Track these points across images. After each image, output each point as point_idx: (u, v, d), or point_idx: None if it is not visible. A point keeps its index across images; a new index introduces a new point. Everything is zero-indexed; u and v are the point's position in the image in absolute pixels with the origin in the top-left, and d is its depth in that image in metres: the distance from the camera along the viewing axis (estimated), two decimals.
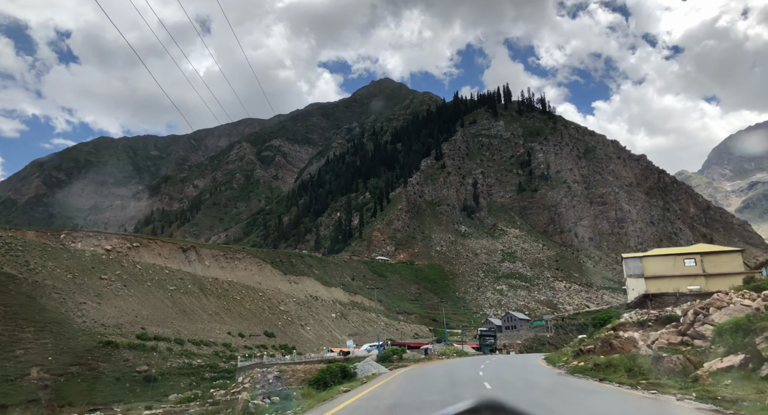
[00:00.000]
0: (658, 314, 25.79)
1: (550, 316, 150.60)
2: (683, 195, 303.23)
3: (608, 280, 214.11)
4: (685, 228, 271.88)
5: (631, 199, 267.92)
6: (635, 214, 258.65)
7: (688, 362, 16.88)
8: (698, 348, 18.85)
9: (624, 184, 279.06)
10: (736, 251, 58.52)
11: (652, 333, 22.75)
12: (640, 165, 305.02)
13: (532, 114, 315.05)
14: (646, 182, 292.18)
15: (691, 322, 20.46)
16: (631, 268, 57.05)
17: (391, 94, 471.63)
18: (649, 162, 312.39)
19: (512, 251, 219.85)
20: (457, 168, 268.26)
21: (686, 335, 20.39)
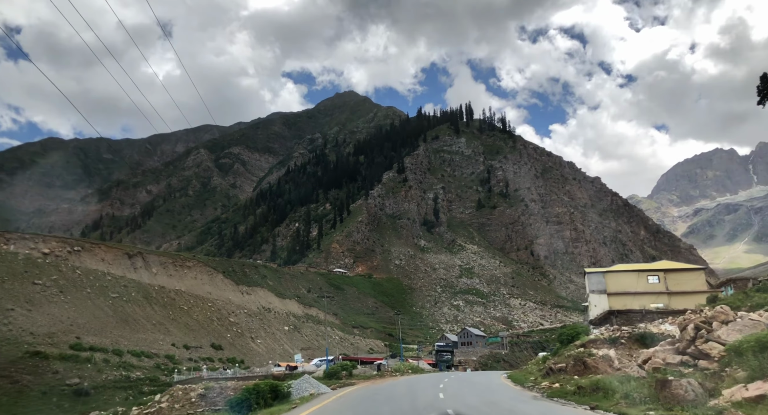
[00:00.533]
0: (631, 331, 24.19)
1: (505, 333, 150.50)
2: (634, 218, 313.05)
3: (562, 298, 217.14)
4: (636, 250, 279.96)
5: (586, 220, 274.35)
6: (589, 234, 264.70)
7: (701, 389, 14.55)
8: (705, 370, 16.23)
9: (579, 204, 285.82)
10: (699, 268, 58.47)
11: (644, 351, 20.40)
12: (594, 187, 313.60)
13: (492, 133, 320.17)
14: (600, 204, 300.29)
15: (692, 339, 17.95)
16: (593, 283, 56.21)
17: (355, 107, 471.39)
18: (603, 184, 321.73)
19: (470, 267, 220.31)
20: (419, 182, 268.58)
21: (686, 353, 17.90)
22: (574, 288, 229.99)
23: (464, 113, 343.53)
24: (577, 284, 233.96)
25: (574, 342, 27.15)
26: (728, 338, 16.47)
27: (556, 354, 30.30)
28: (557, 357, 26.57)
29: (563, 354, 25.51)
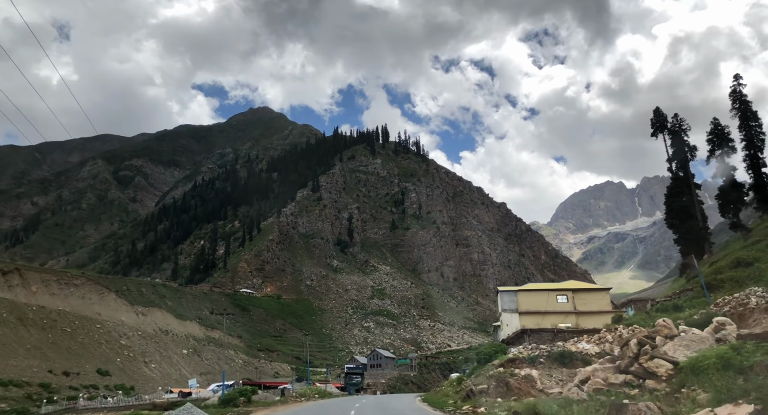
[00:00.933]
0: (550, 350, 23.37)
1: (414, 354, 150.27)
2: (536, 243, 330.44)
3: (469, 320, 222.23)
4: (537, 273, 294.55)
5: (492, 244, 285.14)
6: (495, 257, 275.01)
7: (661, 414, 12.69)
8: (654, 391, 14.55)
9: (486, 228, 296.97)
10: (604, 289, 59.94)
11: (580, 370, 18.93)
12: (500, 212, 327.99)
13: (407, 155, 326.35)
14: (505, 228, 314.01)
15: (635, 355, 16.38)
16: (506, 302, 56.47)
17: (269, 124, 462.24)
18: (508, 210, 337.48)
19: (382, 288, 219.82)
20: (334, 202, 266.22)
21: (629, 372, 16.34)
22: (481, 310, 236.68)
23: (380, 135, 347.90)
24: (483, 306, 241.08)
25: (492, 362, 25.87)
26: (676, 355, 15.34)
27: (473, 374, 28.95)
28: (477, 378, 25.12)
29: (483, 374, 24.06)
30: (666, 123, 69.43)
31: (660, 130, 69.34)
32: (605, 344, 23.88)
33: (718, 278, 33.73)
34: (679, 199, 65.06)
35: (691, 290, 39.84)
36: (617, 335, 24.36)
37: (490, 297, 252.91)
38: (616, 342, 18.08)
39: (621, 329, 24.84)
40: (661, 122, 69.62)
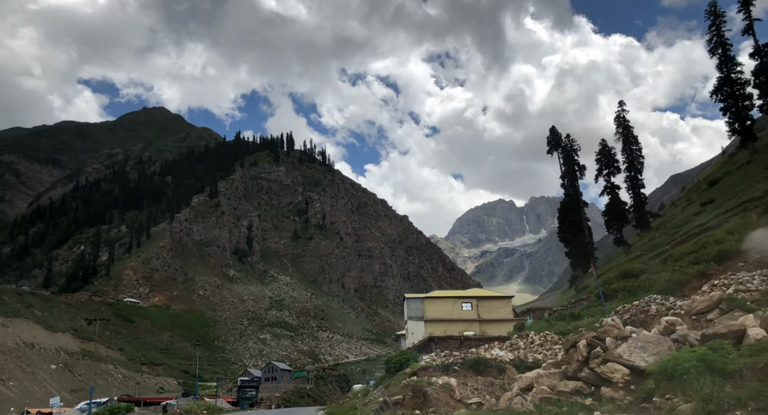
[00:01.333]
0: (464, 357, 22.41)
1: (311, 366, 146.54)
2: (435, 256, 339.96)
3: (368, 331, 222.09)
4: (435, 285, 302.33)
5: (394, 255, 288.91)
6: (396, 269, 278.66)
7: None
8: (614, 401, 12.81)
9: (389, 240, 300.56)
10: (507, 297, 60.74)
11: (521, 376, 17.06)
12: (402, 225, 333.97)
13: (312, 165, 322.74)
14: (406, 241, 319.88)
15: (584, 359, 14.77)
16: (412, 310, 55.69)
17: (165, 125, 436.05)
18: (410, 223, 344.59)
19: (281, 299, 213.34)
20: (233, 209, 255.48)
21: (579, 378, 14.65)
22: (380, 321, 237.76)
23: (285, 142, 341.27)
24: (382, 317, 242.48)
25: (403, 370, 24.45)
26: (632, 358, 13.72)
27: (382, 384, 27.40)
28: (389, 388, 23.44)
29: (396, 384, 22.43)
30: (560, 142, 73.94)
31: (555, 148, 73.68)
32: (519, 350, 23.41)
33: (610, 288, 35.32)
34: (571, 214, 69.16)
35: (585, 299, 41.68)
36: (528, 341, 24.12)
37: (389, 308, 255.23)
38: (563, 344, 16.60)
39: (533, 335, 24.69)
40: (556, 141, 74.06)
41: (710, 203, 53.04)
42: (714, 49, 62.32)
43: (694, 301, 19.96)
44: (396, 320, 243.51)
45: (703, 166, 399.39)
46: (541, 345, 23.62)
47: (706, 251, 29.69)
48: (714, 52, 62.35)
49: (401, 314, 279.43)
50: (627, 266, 43.33)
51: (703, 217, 48.00)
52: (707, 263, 28.03)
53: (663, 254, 42.09)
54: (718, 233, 32.35)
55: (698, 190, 71.81)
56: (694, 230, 43.05)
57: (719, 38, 61.94)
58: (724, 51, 61.62)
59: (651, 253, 49.54)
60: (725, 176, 61.45)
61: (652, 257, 45.80)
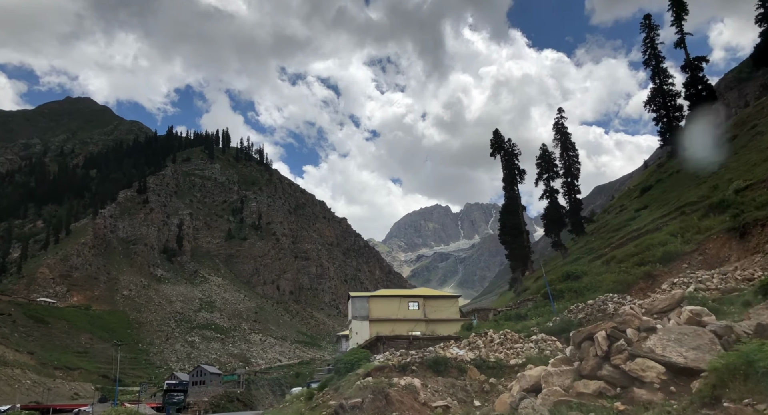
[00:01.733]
0: (423, 356, 20.89)
1: (242, 370, 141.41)
2: (372, 259, 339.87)
3: (302, 334, 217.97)
4: (372, 288, 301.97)
5: (331, 258, 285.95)
6: (333, 271, 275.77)
7: None
8: (656, 405, 10.56)
9: (326, 242, 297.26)
10: (454, 296, 59.13)
11: (524, 374, 14.57)
12: (341, 227, 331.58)
13: (249, 163, 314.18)
14: (344, 243, 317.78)
15: (604, 355, 12.60)
16: (357, 309, 53.67)
17: (90, 117, 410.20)
18: (348, 225, 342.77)
19: (212, 300, 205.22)
20: (163, 206, 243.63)
21: (599, 377, 12.33)
22: (315, 324, 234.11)
23: (221, 139, 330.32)
24: (317, 320, 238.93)
25: (355, 371, 22.54)
26: (667, 353, 11.54)
27: (329, 387, 25.26)
28: (341, 390, 21.21)
29: (349, 386, 20.31)
30: (503, 145, 74.95)
31: (498, 150, 74.55)
32: (479, 349, 22.13)
33: (556, 289, 35.50)
34: (511, 216, 70.08)
35: (530, 300, 41.71)
36: (488, 340, 23.05)
37: (325, 311, 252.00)
38: (573, 337, 14.03)
39: (492, 334, 23.72)
40: (499, 144, 74.96)
41: (644, 209, 55.22)
42: (648, 61, 65.31)
43: (654, 299, 19.70)
44: (332, 323, 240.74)
45: (625, 178, 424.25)
46: (501, 344, 22.57)
47: (650, 252, 30.25)
48: (648, 63, 65.31)
49: (338, 317, 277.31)
50: (568, 268, 43.95)
51: (639, 221, 49.80)
52: (653, 264, 28.54)
53: (603, 256, 43.02)
54: (660, 235, 33.21)
55: (630, 197, 75.00)
56: (633, 234, 44.38)
57: (653, 50, 64.97)
58: (657, 63, 64.64)
59: (589, 256, 50.75)
60: (656, 184, 64.37)
61: (591, 259, 46.80)
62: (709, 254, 26.52)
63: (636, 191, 73.49)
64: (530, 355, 19.92)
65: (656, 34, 65.23)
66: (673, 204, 45.20)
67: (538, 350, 20.65)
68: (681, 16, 63.40)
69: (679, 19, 63.62)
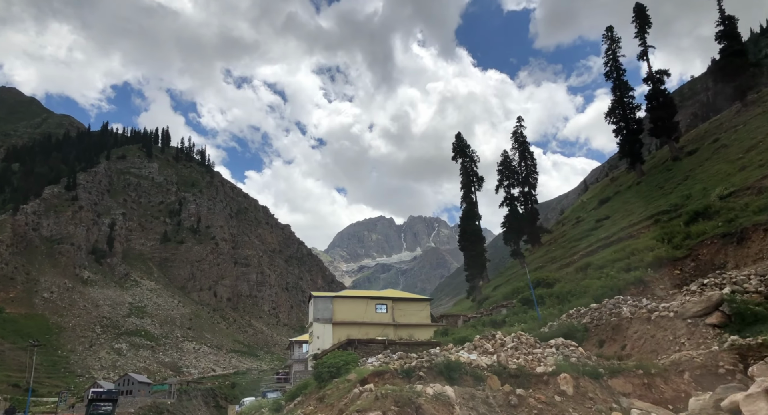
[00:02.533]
0: (431, 360, 16.79)
1: (174, 379, 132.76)
2: (315, 267, 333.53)
3: (239, 343, 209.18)
4: None
5: (273, 265, 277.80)
6: (274, 279, 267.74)
7: None
8: None
9: (268, 249, 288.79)
10: (425, 299, 55.26)
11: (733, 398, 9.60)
12: (284, 234, 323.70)
13: (189, 164, 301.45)
14: (287, 250, 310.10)
15: None
16: (320, 310, 49.17)
17: (15, 108, 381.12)
18: (292, 233, 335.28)
19: (143, 305, 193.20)
20: (93, 204, 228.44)
21: None
22: (253, 332, 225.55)
23: (160, 138, 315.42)
24: (256, 329, 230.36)
25: (343, 376, 18.50)
26: None
27: (303, 395, 21.30)
28: (328, 400, 16.79)
29: (341, 395, 15.62)
30: (465, 150, 73.81)
31: (460, 155, 73.33)
32: (497, 354, 18.68)
33: (537, 295, 33.78)
34: (471, 222, 68.79)
35: (504, 305, 39.81)
36: (497, 343, 19.97)
37: (264, 319, 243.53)
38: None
39: (501, 336, 20.76)
40: (462, 148, 73.75)
41: (606, 219, 55.15)
42: (609, 73, 66.29)
43: (684, 302, 17.89)
44: (271, 333, 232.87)
45: (561, 198, 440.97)
46: (516, 348, 19.44)
47: (637, 257, 29.17)
48: (609, 75, 66.26)
49: (277, 326, 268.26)
50: (538, 275, 42.65)
51: (604, 230, 49.47)
52: (642, 269, 27.34)
53: (572, 264, 42.01)
54: (644, 241, 32.29)
55: (585, 209, 75.67)
56: (603, 242, 43.71)
57: (614, 63, 66.05)
58: (618, 75, 65.69)
59: (553, 264, 49.84)
60: (615, 196, 65.07)
61: (559, 267, 45.80)
62: (703, 259, 25.51)
63: (593, 203, 74.33)
64: (558, 362, 17.18)
65: (618, 47, 66.33)
66: (641, 213, 45.10)
67: (562, 356, 17.99)
68: (644, 29, 64.79)
69: (643, 32, 65.00)
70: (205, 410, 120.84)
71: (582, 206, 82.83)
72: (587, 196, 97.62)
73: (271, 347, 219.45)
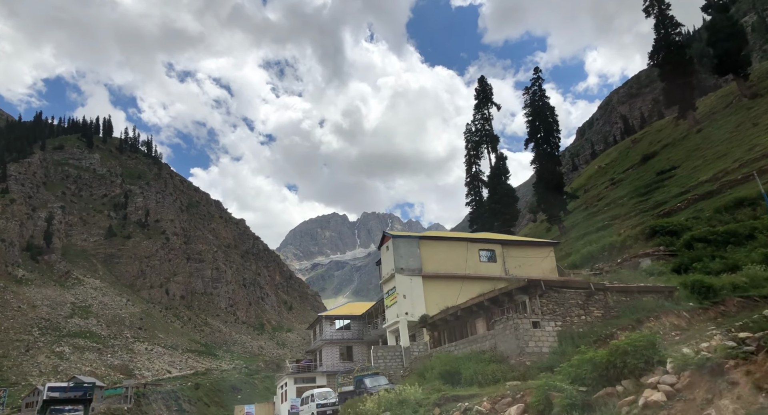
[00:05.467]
0: None
1: (132, 382, 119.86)
2: (272, 263, 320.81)
3: (195, 342, 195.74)
4: (272, 294, 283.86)
5: (228, 260, 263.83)
6: (230, 275, 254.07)
7: None
8: None
9: (223, 244, 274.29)
10: (549, 242, 40.55)
11: None
12: (239, 229, 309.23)
13: (135, 155, 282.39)
14: (243, 245, 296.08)
15: None
16: (402, 256, 34.15)
17: None
18: (247, 227, 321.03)
19: (87, 305, 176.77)
20: (27, 197, 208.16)
21: None
22: (209, 331, 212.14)
23: (102, 128, 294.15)
24: (212, 327, 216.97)
25: (645, 378, 9.93)
26: None
27: None
28: None
29: None
30: (490, 95, 66.40)
31: (484, 103, 65.81)
32: None
33: None
34: (501, 182, 62.24)
35: (648, 254, 32.22)
36: None
37: (221, 317, 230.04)
38: None
39: None
40: (486, 95, 66.13)
41: (674, 169, 49.39)
42: (649, 8, 61.07)
43: None
44: (229, 331, 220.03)
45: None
46: None
47: None
48: (649, 11, 60.25)
49: (235, 324, 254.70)
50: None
51: (686, 180, 43.63)
52: None
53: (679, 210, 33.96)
54: None
55: (612, 172, 70.74)
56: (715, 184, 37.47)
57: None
58: (660, 8, 60.51)
59: (627, 221, 43.42)
60: (663, 149, 60.52)
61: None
62: None
63: (634, 159, 68.22)
64: None
65: None
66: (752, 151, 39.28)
67: None
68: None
69: None
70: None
71: (602, 171, 78.25)
72: (604, 161, 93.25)
73: (230, 345, 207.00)
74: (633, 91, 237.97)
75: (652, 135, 77.46)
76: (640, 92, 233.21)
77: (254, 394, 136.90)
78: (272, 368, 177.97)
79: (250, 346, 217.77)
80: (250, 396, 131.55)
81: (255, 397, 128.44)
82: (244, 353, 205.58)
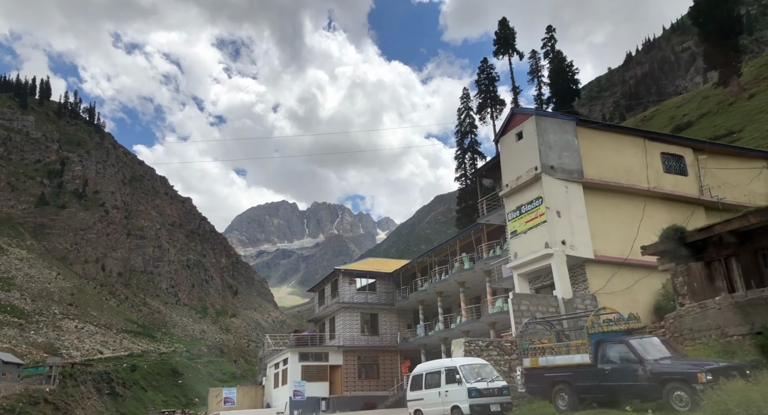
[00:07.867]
0: None
1: (56, 360, 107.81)
2: (219, 245, 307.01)
3: (132, 322, 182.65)
4: (217, 277, 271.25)
5: (172, 239, 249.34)
6: (173, 254, 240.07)
7: None
8: None
9: (167, 222, 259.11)
10: (764, 152, 29.46)
11: None
12: (185, 207, 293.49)
13: (75, 121, 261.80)
14: (188, 225, 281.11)
15: None
16: (551, 148, 22.62)
17: None
18: (194, 207, 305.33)
19: (10, 277, 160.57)
20: None
21: None
22: (148, 311, 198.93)
23: (38, 90, 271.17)
24: (151, 308, 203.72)
25: None
26: None
27: None
28: None
29: None
30: (512, 41, 60.20)
31: (505, 47, 59.89)
32: None
33: None
34: None
35: None
36: None
37: (161, 298, 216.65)
38: None
39: None
40: (507, 39, 60.03)
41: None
42: None
43: None
44: (169, 312, 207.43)
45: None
46: None
47: None
48: None
49: (176, 306, 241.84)
50: None
51: None
52: None
53: None
54: None
55: None
56: None
57: None
58: None
59: None
60: (700, 119, 56.12)
61: None
62: None
63: None
64: None
65: None
66: None
67: None
68: None
69: None
70: (97, 398, 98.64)
71: None
72: None
73: (170, 328, 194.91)
74: (593, 93, 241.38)
75: (671, 110, 71.17)
76: (600, 95, 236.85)
77: (197, 379, 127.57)
78: (215, 353, 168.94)
79: (192, 329, 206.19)
80: (192, 381, 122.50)
81: (198, 383, 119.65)
82: (184, 337, 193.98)
